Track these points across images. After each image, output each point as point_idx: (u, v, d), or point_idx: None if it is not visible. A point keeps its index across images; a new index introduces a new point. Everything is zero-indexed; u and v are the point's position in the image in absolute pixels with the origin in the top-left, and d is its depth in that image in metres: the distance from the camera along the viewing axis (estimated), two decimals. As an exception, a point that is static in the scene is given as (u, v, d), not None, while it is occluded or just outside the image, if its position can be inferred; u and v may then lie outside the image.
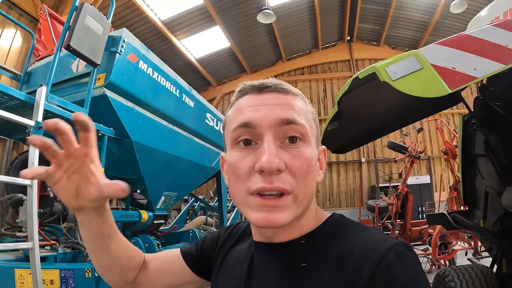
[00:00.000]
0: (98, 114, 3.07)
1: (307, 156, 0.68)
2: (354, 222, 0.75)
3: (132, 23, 10.34)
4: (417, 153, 6.87)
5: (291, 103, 0.70)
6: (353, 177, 14.12)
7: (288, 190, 0.65)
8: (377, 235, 0.68)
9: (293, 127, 0.68)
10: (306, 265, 0.68)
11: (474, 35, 1.95)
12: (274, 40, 13.71)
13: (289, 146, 0.67)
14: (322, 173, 0.77)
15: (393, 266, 0.59)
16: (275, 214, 0.65)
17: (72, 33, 2.62)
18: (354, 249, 0.64)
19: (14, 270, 2.34)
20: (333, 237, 0.71)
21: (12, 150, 7.50)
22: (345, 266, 0.63)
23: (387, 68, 1.96)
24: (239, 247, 0.87)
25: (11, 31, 7.31)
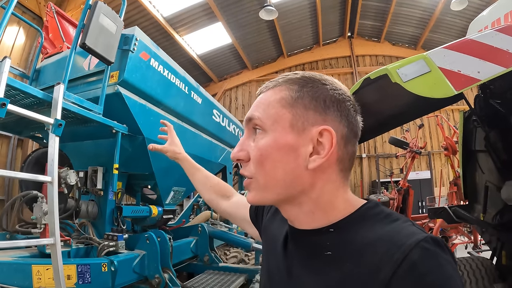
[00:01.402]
0: (112, 111, 3.14)
1: (259, 146, 0.74)
2: (386, 212, 0.71)
3: (135, 20, 10.36)
4: (418, 149, 6.97)
5: (259, 100, 0.80)
6: (353, 172, 14.12)
7: (248, 175, 0.77)
8: (406, 228, 0.64)
9: (252, 123, 0.78)
10: (331, 254, 0.69)
11: (477, 40, 2.05)
12: (275, 36, 13.73)
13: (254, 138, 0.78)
14: (322, 158, 0.70)
15: (417, 265, 0.55)
16: (247, 192, 0.80)
17: (87, 31, 2.66)
18: (379, 242, 0.62)
19: (31, 266, 2.38)
20: (362, 227, 0.69)
21: (17, 148, 7.56)
22: (368, 260, 0.61)
23: (398, 71, 2.06)
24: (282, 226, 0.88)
25: (14, 28, 7.32)
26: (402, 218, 0.69)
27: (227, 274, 3.74)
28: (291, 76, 0.77)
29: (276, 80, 0.79)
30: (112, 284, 2.52)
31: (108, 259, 2.58)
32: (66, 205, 2.97)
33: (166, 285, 2.83)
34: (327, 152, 0.70)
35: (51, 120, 2.41)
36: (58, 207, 2.50)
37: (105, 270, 2.52)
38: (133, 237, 3.22)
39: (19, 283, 2.24)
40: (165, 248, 3.02)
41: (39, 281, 2.28)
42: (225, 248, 5.26)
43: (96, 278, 2.48)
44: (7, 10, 2.44)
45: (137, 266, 2.81)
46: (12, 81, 2.25)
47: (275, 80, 0.79)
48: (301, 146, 0.71)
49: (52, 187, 2.18)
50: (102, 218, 3.32)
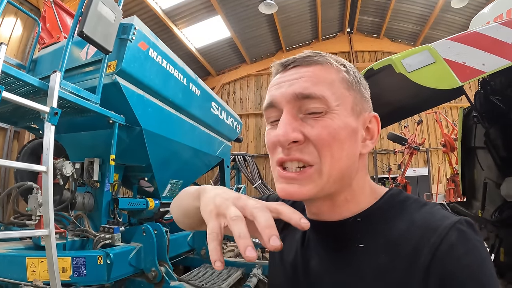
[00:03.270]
0: (109, 101, 3.10)
1: (326, 124, 0.65)
2: (412, 198, 0.71)
3: (133, 12, 10.27)
4: (417, 145, 6.97)
5: (311, 75, 0.69)
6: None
7: (308, 160, 0.65)
8: (437, 212, 0.64)
9: (309, 102, 0.67)
10: (363, 246, 0.66)
11: (482, 32, 2.04)
12: (274, 31, 13.68)
13: (310, 117, 0.67)
14: (372, 143, 0.73)
15: (455, 247, 0.55)
16: (294, 186, 0.66)
17: (85, 19, 2.60)
18: (412, 229, 0.62)
19: (26, 258, 2.35)
20: (391, 215, 0.67)
21: (13, 140, 7.51)
22: (404, 247, 0.60)
23: (403, 61, 2.05)
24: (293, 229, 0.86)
25: (11, 19, 7.26)
26: (431, 202, 0.68)
27: (224, 268, 3.72)
28: (333, 56, 0.73)
29: (319, 55, 0.71)
30: (107, 277, 2.49)
31: (104, 251, 2.55)
32: (61, 197, 2.93)
33: (162, 278, 2.80)
34: (376, 137, 0.73)
35: (47, 108, 2.36)
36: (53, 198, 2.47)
37: (100, 263, 2.48)
38: (130, 229, 3.19)
39: (13, 275, 2.20)
40: (162, 241, 2.99)
41: (33, 274, 2.24)
42: (222, 242, 5.24)
43: (91, 271, 2.45)
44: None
45: (133, 259, 2.78)
46: (7, 69, 2.21)
47: (320, 55, 0.71)
48: (359, 130, 0.70)
49: (47, 177, 2.14)
50: (98, 210, 3.28)
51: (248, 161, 11.17)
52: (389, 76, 2.18)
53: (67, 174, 2.89)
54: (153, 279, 2.78)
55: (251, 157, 11.57)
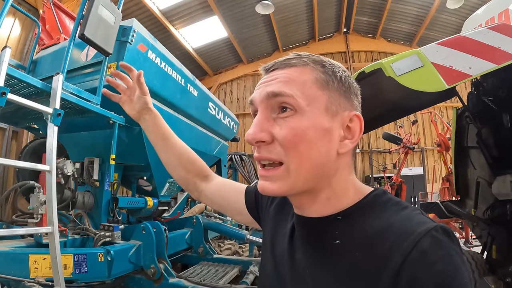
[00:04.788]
0: (109, 102, 3.09)
1: (294, 126, 0.68)
2: (395, 200, 0.72)
3: (130, 12, 10.30)
4: (412, 144, 7.04)
5: (285, 76, 0.71)
6: (347, 168, 14.27)
7: (275, 159, 0.69)
8: (415, 216, 0.64)
9: (279, 99, 0.69)
10: (339, 243, 0.68)
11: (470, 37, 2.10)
12: (271, 31, 13.74)
13: (280, 117, 0.70)
14: (352, 143, 0.73)
15: (427, 254, 0.55)
16: (268, 183, 0.71)
17: (86, 22, 2.66)
18: (389, 231, 0.62)
19: (28, 256, 2.38)
20: (371, 215, 0.68)
21: (11, 140, 7.53)
22: (378, 248, 0.61)
23: (392, 65, 2.12)
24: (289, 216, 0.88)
25: (10, 20, 7.26)
26: (411, 206, 0.69)
27: (221, 266, 3.78)
28: (314, 57, 0.74)
29: (297, 57, 0.74)
30: (108, 273, 2.54)
31: (105, 249, 2.60)
32: (62, 196, 2.98)
33: (161, 275, 2.86)
34: (357, 137, 0.73)
35: (50, 109, 2.41)
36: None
37: (101, 259, 2.53)
38: (129, 227, 3.24)
39: (15, 273, 2.23)
40: (161, 239, 3.04)
41: (36, 271, 2.28)
42: (219, 240, 5.30)
43: (92, 267, 2.49)
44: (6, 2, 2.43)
45: (133, 256, 2.83)
46: (11, 71, 2.25)
47: (297, 57, 0.73)
48: (334, 130, 0.71)
49: (51, 176, 2.19)
50: (98, 209, 3.33)
51: (245, 160, 11.21)
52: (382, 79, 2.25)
53: (68, 173, 2.95)
54: (152, 275, 2.83)
55: (248, 157, 11.60)
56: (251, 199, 1.07)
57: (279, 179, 0.69)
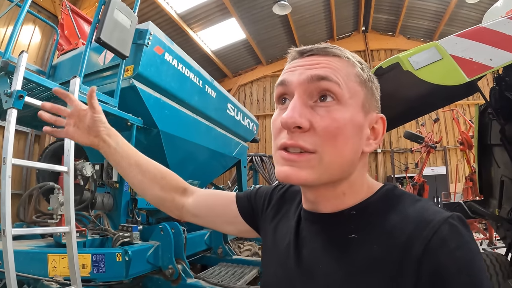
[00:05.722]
0: (127, 104, 3.20)
1: (336, 117, 0.65)
2: (407, 193, 0.72)
3: (149, 17, 10.48)
4: (434, 143, 6.87)
5: (328, 63, 0.69)
6: (369, 167, 14.09)
7: (309, 148, 0.65)
8: (430, 207, 0.65)
9: (324, 84, 0.66)
10: (356, 237, 0.67)
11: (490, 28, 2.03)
12: (289, 31, 13.71)
13: (320, 105, 0.67)
14: (376, 143, 0.73)
15: (447, 241, 0.57)
16: (295, 170, 0.66)
17: (102, 26, 2.71)
18: (406, 222, 0.63)
19: (47, 255, 2.43)
20: (385, 208, 0.68)
21: (34, 143, 7.74)
22: (397, 239, 0.61)
23: (410, 58, 2.07)
24: (290, 213, 0.88)
25: (30, 27, 7.50)
26: (423, 199, 0.70)
27: (240, 267, 3.78)
28: (352, 53, 0.73)
29: (337, 48, 0.72)
30: (126, 273, 2.57)
31: (123, 249, 2.63)
32: (82, 197, 3.03)
33: (179, 275, 2.87)
34: (380, 138, 0.74)
35: (67, 112, 2.46)
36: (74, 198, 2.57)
37: (119, 259, 2.57)
38: (148, 228, 3.28)
39: (35, 271, 2.29)
40: (179, 240, 3.06)
41: (54, 270, 2.33)
42: (239, 241, 5.31)
43: (110, 267, 2.53)
44: (22, 8, 2.50)
45: (151, 256, 2.86)
46: (29, 75, 2.31)
47: (338, 48, 0.72)
48: (365, 128, 0.71)
49: (68, 177, 2.24)
50: (117, 210, 3.38)
51: (265, 161, 11.20)
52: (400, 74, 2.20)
53: (87, 174, 3.00)
54: (170, 276, 2.85)
55: (268, 158, 11.60)
56: (244, 205, 1.02)
57: (308, 167, 0.66)
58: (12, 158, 1.89)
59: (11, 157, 1.89)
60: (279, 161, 0.69)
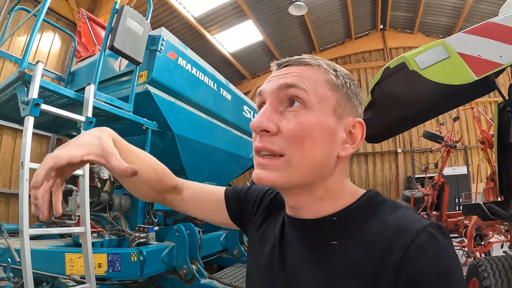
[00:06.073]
0: (142, 109, 3.29)
1: (302, 121, 0.68)
2: (389, 201, 0.73)
3: (166, 21, 10.61)
4: (453, 143, 6.70)
5: (299, 72, 0.72)
6: (389, 168, 13.82)
7: (277, 151, 0.68)
8: (411, 215, 0.66)
9: (291, 91, 0.70)
10: (336, 243, 0.69)
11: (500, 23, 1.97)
12: (306, 32, 13.63)
13: (288, 110, 0.70)
14: (353, 148, 0.74)
15: (424, 249, 0.58)
16: (266, 172, 0.69)
17: (115, 34, 2.81)
18: (385, 229, 0.64)
19: (65, 254, 2.54)
20: (366, 215, 0.70)
21: (55, 146, 7.96)
22: (376, 247, 0.63)
23: (415, 58, 2.04)
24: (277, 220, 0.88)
25: (50, 34, 7.69)
26: (404, 207, 0.71)
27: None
28: (327, 61, 0.76)
29: (311, 58, 0.75)
30: (140, 272, 2.65)
31: (138, 249, 2.71)
32: (99, 199, 3.13)
33: (193, 276, 2.93)
34: (358, 143, 0.75)
35: (82, 118, 2.56)
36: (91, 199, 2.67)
37: (134, 259, 2.65)
38: (164, 229, 3.35)
39: (52, 270, 2.39)
40: (194, 241, 3.11)
41: (71, 269, 2.43)
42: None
43: (125, 266, 2.62)
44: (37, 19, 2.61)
45: (166, 256, 2.93)
46: (45, 83, 2.42)
47: (311, 58, 0.75)
48: (338, 132, 0.72)
49: (84, 180, 2.33)
50: (134, 211, 3.48)
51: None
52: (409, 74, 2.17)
53: (104, 177, 3.10)
54: (185, 276, 2.91)
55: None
56: (233, 206, 1.03)
57: (277, 170, 0.69)
58: (30, 162, 1.97)
59: (29, 161, 1.97)
60: (255, 165, 0.73)
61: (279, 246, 0.81)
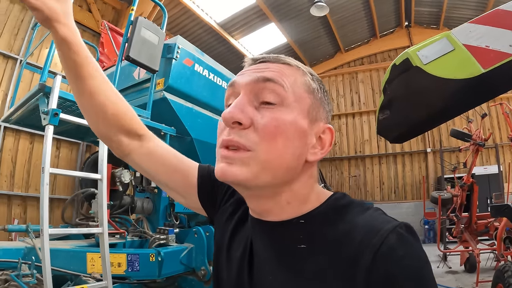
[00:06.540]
0: (160, 115, 3.40)
1: (277, 117, 0.65)
2: (356, 202, 0.72)
3: (189, 28, 10.84)
4: (482, 141, 6.40)
5: (278, 68, 0.70)
6: (418, 168, 13.43)
7: (245, 145, 0.64)
8: (379, 216, 0.66)
9: (269, 85, 0.67)
10: (305, 247, 0.67)
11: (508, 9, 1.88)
12: (330, 32, 13.53)
13: (264, 107, 0.67)
14: (321, 154, 0.72)
15: (395, 249, 0.57)
16: (229, 166, 0.65)
17: (130, 45, 2.93)
18: (354, 231, 0.63)
19: (86, 253, 2.68)
20: (334, 217, 0.68)
21: (85, 152, 8.29)
22: (345, 249, 0.62)
23: (418, 53, 1.97)
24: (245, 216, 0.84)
25: (77, 46, 8.12)
26: (373, 207, 0.70)
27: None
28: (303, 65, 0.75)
29: (290, 58, 0.74)
30: (159, 272, 2.74)
31: (156, 250, 2.81)
32: (121, 202, 3.26)
33: (211, 277, 2.99)
34: (327, 149, 0.73)
35: (100, 125, 2.68)
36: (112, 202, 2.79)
37: (152, 260, 2.75)
38: (184, 231, 3.44)
39: (74, 268, 2.53)
40: (212, 243, 3.17)
41: (92, 267, 2.57)
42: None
43: (144, 266, 2.72)
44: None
45: (185, 258, 3.01)
46: (65, 94, 2.57)
47: (290, 58, 0.74)
48: (309, 136, 0.70)
49: (102, 183, 2.45)
50: (156, 213, 3.60)
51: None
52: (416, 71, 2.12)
53: (126, 181, 3.22)
54: (203, 277, 2.98)
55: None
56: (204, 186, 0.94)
57: (244, 164, 0.65)
58: (50, 167, 2.10)
59: (49, 166, 2.10)
60: (218, 158, 0.69)
61: (249, 249, 0.78)
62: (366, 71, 14.85)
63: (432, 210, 9.32)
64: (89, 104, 0.88)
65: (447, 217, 7.30)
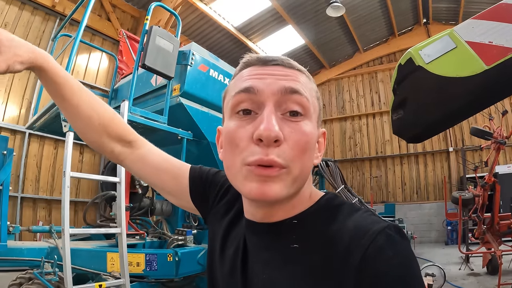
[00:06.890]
0: (177, 120, 3.51)
1: (307, 132, 0.65)
2: (347, 203, 0.73)
3: (208, 33, 11.01)
4: (503, 139, 6.22)
5: (297, 77, 0.69)
6: (441, 168, 13.14)
7: (283, 164, 0.62)
8: (368, 217, 0.67)
9: (296, 98, 0.65)
10: (297, 246, 0.68)
11: None
12: (348, 32, 13.45)
13: (290, 119, 0.65)
14: (320, 157, 0.74)
15: (384, 249, 0.58)
16: (269, 185, 0.62)
17: (146, 53, 3.07)
18: (344, 231, 0.64)
19: (107, 253, 2.80)
20: (325, 217, 0.70)
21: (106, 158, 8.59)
22: (336, 248, 0.63)
23: (421, 52, 1.97)
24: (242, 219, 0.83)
25: (98, 54, 8.43)
26: (363, 208, 0.71)
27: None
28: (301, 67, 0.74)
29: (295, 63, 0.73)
30: (176, 272, 2.85)
31: (174, 250, 2.92)
32: (140, 204, 3.38)
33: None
34: (322, 152, 0.76)
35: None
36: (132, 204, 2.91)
37: (170, 260, 2.85)
38: (201, 232, 3.53)
39: (95, 267, 2.67)
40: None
41: (112, 266, 2.69)
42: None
43: (161, 266, 2.83)
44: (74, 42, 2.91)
45: (202, 258, 3.10)
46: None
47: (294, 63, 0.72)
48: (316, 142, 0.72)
49: (120, 186, 2.57)
50: (175, 215, 3.72)
51: (330, 166, 11.02)
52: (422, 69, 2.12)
53: (145, 184, 3.34)
54: (219, 277, 3.06)
55: (334, 162, 11.39)
56: (196, 187, 0.96)
57: (281, 181, 0.64)
58: (71, 171, 2.23)
59: (69, 170, 2.23)
60: (247, 176, 0.64)
61: (242, 249, 0.79)
62: (386, 70, 14.68)
63: (455, 211, 9.08)
64: (78, 118, 0.92)
65: (469, 217, 7.12)
